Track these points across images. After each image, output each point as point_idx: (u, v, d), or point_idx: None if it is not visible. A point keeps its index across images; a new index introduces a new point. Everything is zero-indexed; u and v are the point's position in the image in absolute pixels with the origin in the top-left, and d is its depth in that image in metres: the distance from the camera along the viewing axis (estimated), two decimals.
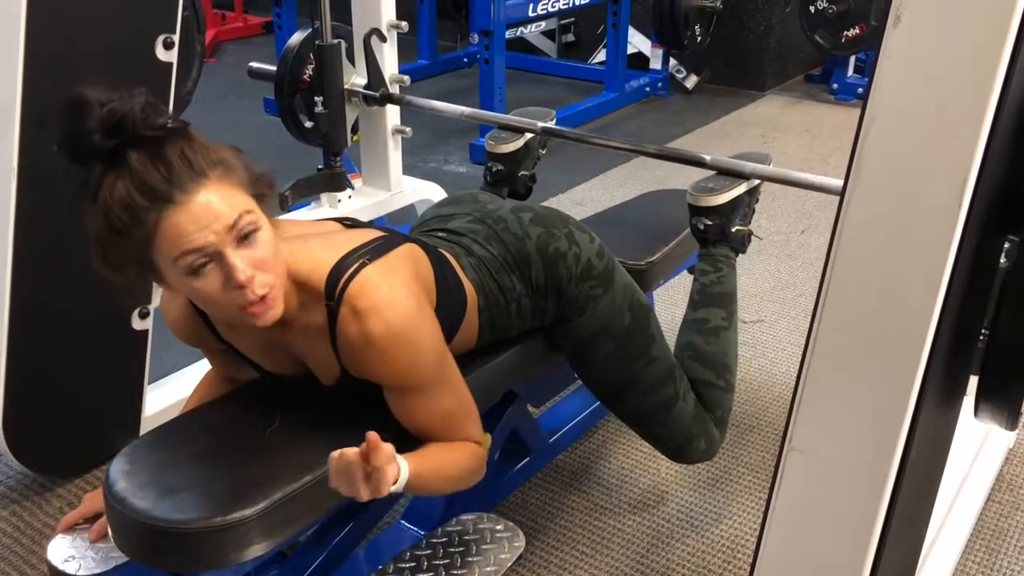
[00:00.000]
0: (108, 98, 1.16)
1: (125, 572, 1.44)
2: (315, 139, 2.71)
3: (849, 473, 0.93)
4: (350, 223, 1.50)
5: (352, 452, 1.19)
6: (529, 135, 2.24)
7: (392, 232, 1.49)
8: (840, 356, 0.93)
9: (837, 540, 0.97)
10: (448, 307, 1.49)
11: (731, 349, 1.87)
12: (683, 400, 1.73)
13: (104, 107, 1.14)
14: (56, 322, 1.91)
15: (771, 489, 0.99)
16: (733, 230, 1.94)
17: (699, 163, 2.06)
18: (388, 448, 1.21)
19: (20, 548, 1.88)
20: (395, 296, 1.32)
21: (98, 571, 1.45)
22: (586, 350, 1.67)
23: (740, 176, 1.97)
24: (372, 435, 1.18)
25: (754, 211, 2.06)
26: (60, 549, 1.48)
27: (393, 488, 1.26)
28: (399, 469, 1.27)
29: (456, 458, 1.43)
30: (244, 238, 1.20)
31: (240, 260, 1.20)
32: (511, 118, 2.31)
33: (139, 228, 1.16)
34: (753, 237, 2.01)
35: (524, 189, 2.24)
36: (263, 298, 1.23)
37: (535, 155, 2.28)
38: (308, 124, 2.74)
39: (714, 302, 1.89)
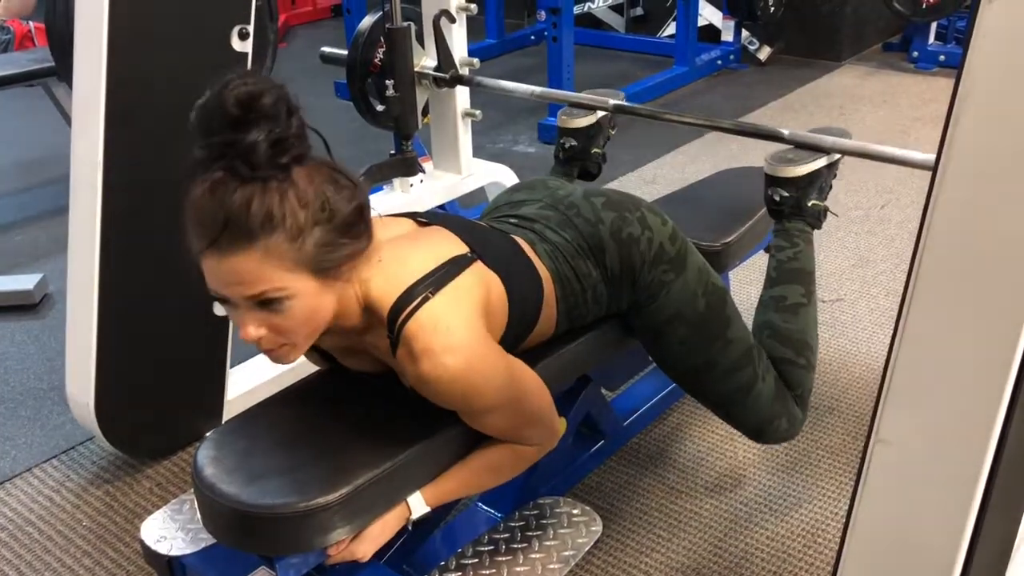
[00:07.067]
0: (256, 114, 1.11)
1: (213, 553, 1.49)
2: (386, 123, 2.72)
3: (941, 466, 0.90)
4: (424, 220, 1.49)
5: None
6: (601, 112, 2.21)
7: (467, 239, 1.44)
8: (933, 341, 0.90)
9: (927, 533, 0.95)
10: (521, 318, 1.49)
11: (811, 327, 1.83)
12: (762, 380, 1.70)
13: (239, 119, 1.11)
14: (143, 310, 1.97)
15: (856, 482, 0.97)
16: (809, 204, 1.89)
17: (777, 138, 2.01)
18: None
19: (114, 526, 1.95)
20: (451, 339, 1.29)
21: (188, 551, 1.50)
22: (661, 335, 1.65)
23: (820, 151, 1.91)
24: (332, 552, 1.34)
25: (831, 186, 2.00)
26: (153, 529, 1.54)
27: (414, 517, 1.40)
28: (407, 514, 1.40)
29: (488, 464, 1.48)
30: (266, 304, 1.20)
31: (253, 320, 1.21)
32: (582, 96, 2.28)
33: (190, 243, 1.20)
34: (829, 214, 1.96)
35: (596, 168, 2.22)
36: (271, 351, 1.27)
37: (606, 133, 2.26)
38: (379, 108, 2.76)
39: (792, 279, 1.85)
